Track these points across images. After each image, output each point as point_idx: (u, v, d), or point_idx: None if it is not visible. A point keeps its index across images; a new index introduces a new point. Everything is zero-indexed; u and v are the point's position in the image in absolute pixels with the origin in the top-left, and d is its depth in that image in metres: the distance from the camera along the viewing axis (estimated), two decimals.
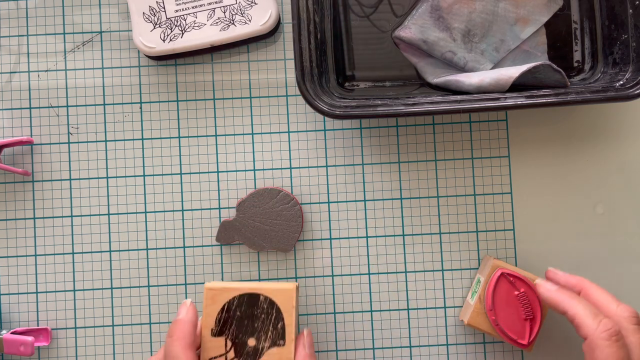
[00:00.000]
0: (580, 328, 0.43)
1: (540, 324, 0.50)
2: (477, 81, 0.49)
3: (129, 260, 0.53)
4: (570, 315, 0.44)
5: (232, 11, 0.52)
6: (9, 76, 0.54)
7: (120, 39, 0.55)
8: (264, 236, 0.53)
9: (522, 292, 0.50)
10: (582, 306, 0.44)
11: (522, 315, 0.50)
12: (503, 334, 0.50)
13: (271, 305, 0.46)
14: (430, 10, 0.52)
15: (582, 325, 0.43)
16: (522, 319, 0.50)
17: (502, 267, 0.51)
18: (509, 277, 0.50)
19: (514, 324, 0.49)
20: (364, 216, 0.54)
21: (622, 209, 0.54)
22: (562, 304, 0.45)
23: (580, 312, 0.44)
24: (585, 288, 0.47)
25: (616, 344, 0.42)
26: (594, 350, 0.42)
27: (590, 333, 0.43)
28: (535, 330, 0.49)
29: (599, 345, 0.42)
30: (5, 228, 0.54)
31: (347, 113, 0.48)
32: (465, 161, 0.54)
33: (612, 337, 0.42)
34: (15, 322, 0.53)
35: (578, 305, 0.44)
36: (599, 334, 0.42)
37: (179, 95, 0.54)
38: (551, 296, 0.46)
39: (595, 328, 0.43)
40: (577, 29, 0.54)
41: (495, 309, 0.50)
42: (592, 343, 0.42)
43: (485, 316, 0.50)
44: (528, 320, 0.50)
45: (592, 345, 0.42)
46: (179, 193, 0.54)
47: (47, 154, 0.54)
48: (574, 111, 0.55)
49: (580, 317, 0.44)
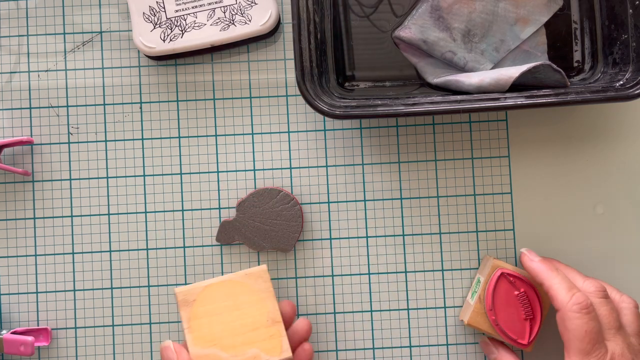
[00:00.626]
0: (554, 300, 0.46)
1: (540, 323, 0.50)
2: (477, 81, 0.49)
3: (129, 260, 0.54)
4: (546, 287, 0.47)
5: (232, 11, 0.52)
6: (9, 76, 0.54)
7: (120, 39, 0.55)
8: (264, 236, 0.53)
9: (522, 292, 0.50)
10: (558, 279, 0.47)
11: (522, 315, 0.50)
12: (503, 334, 0.50)
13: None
14: (430, 10, 0.52)
15: (556, 297, 0.46)
16: (522, 318, 0.50)
17: (502, 267, 0.51)
18: (509, 277, 0.50)
19: (514, 324, 0.50)
20: (364, 216, 0.54)
21: (622, 209, 0.54)
22: (540, 275, 0.48)
23: (556, 285, 0.46)
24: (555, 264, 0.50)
25: (587, 316, 0.44)
26: (565, 321, 0.45)
27: (563, 305, 0.45)
28: (535, 330, 0.49)
29: (569, 316, 0.45)
30: (5, 228, 0.54)
31: (347, 113, 0.48)
32: (465, 161, 0.54)
33: (582, 310, 0.44)
34: (15, 322, 0.53)
35: (555, 278, 0.47)
36: (570, 306, 0.45)
37: (179, 95, 0.54)
38: (532, 266, 0.49)
39: (567, 301, 0.45)
40: (577, 29, 0.54)
41: (495, 308, 0.50)
42: (563, 315, 0.45)
43: (485, 316, 0.50)
44: (528, 320, 0.50)
45: (563, 316, 0.45)
46: (179, 193, 0.54)
47: (47, 154, 0.54)
48: (574, 111, 0.55)
49: (555, 289, 0.46)
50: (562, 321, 0.45)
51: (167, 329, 0.53)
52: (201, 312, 0.47)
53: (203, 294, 0.47)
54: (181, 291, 0.47)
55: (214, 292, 0.47)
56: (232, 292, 0.48)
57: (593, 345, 0.44)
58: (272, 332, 0.47)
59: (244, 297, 0.47)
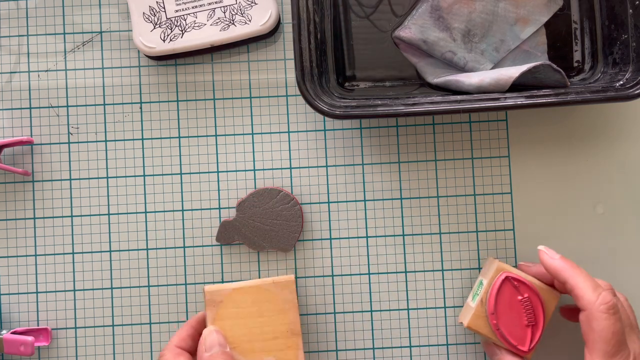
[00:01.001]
0: (580, 299, 0.44)
1: (542, 331, 0.49)
2: (477, 81, 0.49)
3: (129, 260, 0.53)
4: (571, 285, 0.45)
5: (232, 11, 0.52)
6: (9, 76, 0.54)
7: (120, 39, 0.55)
8: (264, 236, 0.53)
9: (525, 297, 0.49)
10: (582, 277, 0.45)
11: (524, 321, 0.49)
12: (503, 339, 0.49)
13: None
14: (430, 10, 0.52)
15: (582, 296, 0.44)
16: (523, 324, 0.49)
17: (506, 270, 0.50)
18: (513, 281, 0.49)
19: (515, 330, 0.49)
20: (364, 216, 0.54)
21: (622, 209, 0.54)
22: (563, 273, 0.46)
23: (581, 283, 0.45)
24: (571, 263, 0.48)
25: (614, 317, 0.43)
26: (592, 321, 0.43)
27: (590, 305, 0.43)
28: (537, 337, 0.49)
29: (596, 317, 0.43)
30: (5, 228, 0.54)
31: (347, 113, 0.48)
32: (465, 161, 0.54)
33: (609, 310, 0.43)
34: (15, 322, 0.53)
35: (579, 277, 0.45)
36: (597, 306, 0.43)
37: (179, 95, 0.54)
38: (553, 264, 0.47)
39: (594, 301, 0.43)
40: (577, 29, 0.54)
41: (497, 313, 0.49)
42: (590, 315, 0.43)
43: (486, 320, 0.49)
44: (530, 327, 0.49)
45: (590, 316, 0.43)
46: (179, 193, 0.54)
47: (47, 154, 0.54)
48: (574, 111, 0.55)
49: (581, 288, 0.44)
50: (588, 321, 0.44)
51: (167, 329, 0.53)
52: (226, 314, 0.48)
53: (230, 296, 0.48)
54: (210, 290, 0.48)
55: (241, 296, 0.48)
56: (258, 298, 0.48)
57: (619, 347, 0.43)
58: (290, 344, 0.48)
59: (269, 305, 0.48)
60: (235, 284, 0.49)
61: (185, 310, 0.53)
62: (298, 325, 0.48)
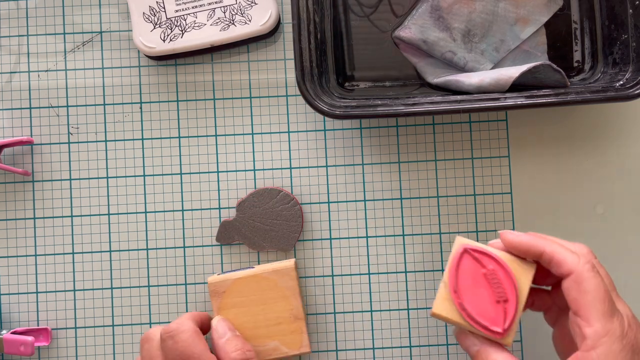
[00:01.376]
0: (562, 265, 0.41)
1: (518, 307, 0.43)
2: (477, 81, 0.49)
3: (129, 260, 0.54)
4: (549, 254, 0.42)
5: (232, 11, 0.52)
6: (9, 76, 0.54)
7: (120, 39, 0.55)
8: (264, 236, 0.53)
9: (490, 269, 0.43)
10: (557, 244, 0.42)
11: (493, 297, 0.43)
12: (472, 320, 0.43)
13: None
14: (430, 10, 0.52)
15: (564, 260, 0.41)
16: (493, 301, 0.43)
17: (465, 243, 0.44)
18: (473, 253, 0.44)
19: (485, 309, 0.43)
20: (364, 216, 0.54)
21: (622, 209, 0.54)
22: (535, 245, 0.43)
23: (558, 248, 0.42)
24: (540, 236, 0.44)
25: (599, 275, 0.41)
26: (582, 283, 0.40)
27: (575, 266, 0.41)
28: (512, 315, 0.42)
29: (586, 277, 0.40)
30: (5, 228, 0.54)
31: (347, 113, 0.48)
32: (465, 161, 0.54)
33: (593, 268, 0.41)
34: (15, 322, 0.53)
35: (553, 244, 0.42)
36: (583, 265, 0.40)
37: (179, 95, 0.54)
38: (522, 240, 0.43)
39: (578, 262, 0.41)
40: (577, 29, 0.54)
41: (459, 290, 0.43)
42: (578, 277, 0.40)
43: (452, 302, 0.43)
44: (501, 303, 0.43)
45: (579, 278, 0.40)
46: (179, 193, 0.54)
47: (47, 154, 0.54)
48: (574, 111, 0.55)
49: (560, 253, 0.41)
50: (578, 285, 0.40)
51: None
52: (230, 304, 0.49)
53: (233, 286, 0.49)
54: (213, 282, 0.50)
55: (243, 285, 0.49)
56: (259, 286, 0.49)
57: (613, 306, 0.40)
58: (293, 328, 0.49)
59: (271, 292, 0.49)
60: (237, 273, 0.50)
61: (185, 310, 0.53)
62: (301, 309, 0.49)
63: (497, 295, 0.43)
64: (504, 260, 0.43)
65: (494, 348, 0.43)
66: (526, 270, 0.44)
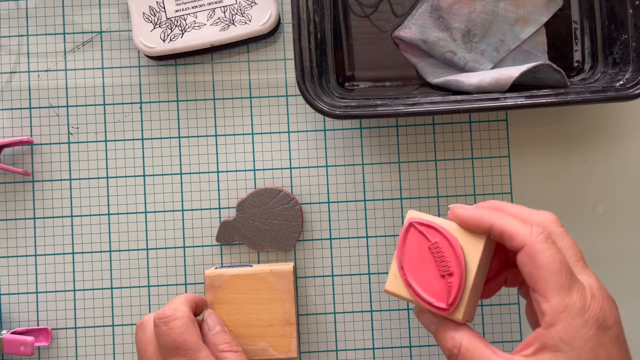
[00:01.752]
0: (514, 238, 0.38)
1: (464, 281, 0.40)
2: (477, 81, 0.49)
3: (129, 260, 0.54)
4: (499, 227, 0.39)
5: (232, 11, 0.52)
6: (9, 76, 0.54)
7: (120, 39, 0.55)
8: (264, 236, 0.53)
9: (433, 242, 0.41)
10: (507, 216, 0.39)
11: (437, 271, 0.40)
12: (418, 297, 0.40)
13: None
14: (430, 10, 0.52)
15: (515, 234, 0.38)
16: (438, 276, 0.40)
17: (413, 216, 0.42)
18: (418, 227, 0.41)
19: (430, 284, 0.40)
20: (364, 216, 0.54)
21: (622, 209, 0.54)
22: (485, 219, 0.40)
23: (508, 221, 0.39)
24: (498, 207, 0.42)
25: (554, 246, 0.38)
26: (535, 256, 0.37)
27: (526, 239, 0.38)
28: (455, 289, 0.40)
29: (539, 249, 0.37)
30: (5, 228, 0.54)
31: (347, 113, 0.48)
32: (465, 161, 0.54)
33: (548, 239, 0.38)
34: (15, 322, 0.53)
35: (504, 217, 0.39)
36: (535, 237, 0.38)
37: (179, 95, 0.54)
38: (471, 214, 0.40)
39: (530, 233, 0.38)
40: (577, 29, 0.54)
41: (405, 266, 0.41)
42: (530, 250, 0.38)
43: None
44: (446, 277, 0.40)
45: (531, 252, 0.37)
46: (179, 193, 0.54)
47: (47, 154, 0.54)
48: (574, 111, 0.55)
49: (510, 226, 0.39)
50: (531, 258, 0.37)
51: None
52: (224, 299, 0.49)
53: (229, 281, 0.49)
54: (209, 275, 0.50)
55: (239, 282, 0.50)
56: (255, 285, 0.50)
57: (571, 279, 0.37)
58: (284, 332, 0.49)
59: (266, 293, 0.49)
60: (235, 270, 0.50)
61: None
62: (294, 315, 0.49)
63: (442, 269, 0.40)
64: (450, 232, 0.41)
65: (452, 325, 0.40)
66: (475, 241, 0.40)
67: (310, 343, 0.53)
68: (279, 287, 0.49)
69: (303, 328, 0.53)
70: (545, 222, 0.40)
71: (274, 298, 0.49)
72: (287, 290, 0.49)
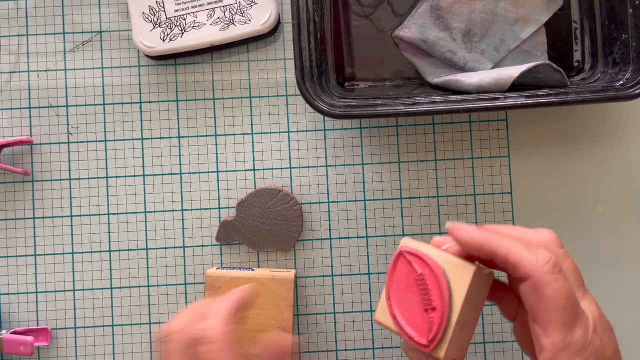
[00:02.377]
0: (518, 268, 0.35)
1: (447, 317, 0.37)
2: (477, 81, 0.49)
3: (129, 260, 0.53)
4: (503, 255, 0.36)
5: (232, 11, 0.52)
6: (9, 76, 0.54)
7: (120, 39, 0.55)
8: (264, 236, 0.53)
9: (419, 274, 0.38)
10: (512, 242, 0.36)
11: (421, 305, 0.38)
12: (401, 330, 0.38)
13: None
14: (430, 10, 0.52)
15: (521, 263, 0.35)
16: (422, 310, 0.38)
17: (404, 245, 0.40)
18: (407, 257, 0.39)
19: (414, 317, 0.38)
20: (364, 216, 0.54)
21: (622, 209, 0.54)
22: (488, 244, 0.36)
23: (513, 248, 0.36)
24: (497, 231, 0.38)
25: (561, 276, 0.35)
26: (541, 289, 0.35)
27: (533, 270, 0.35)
28: (437, 324, 0.37)
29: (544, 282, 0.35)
30: (5, 228, 0.54)
31: (347, 113, 0.48)
32: (465, 161, 0.54)
33: (555, 268, 0.35)
34: (15, 322, 0.53)
35: (508, 242, 0.36)
36: (541, 268, 0.35)
37: (179, 95, 0.54)
38: (473, 238, 0.37)
39: (536, 263, 0.35)
40: (577, 29, 0.54)
41: (391, 297, 0.39)
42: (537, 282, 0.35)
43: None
44: (429, 312, 0.37)
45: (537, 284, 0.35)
46: (179, 193, 0.54)
47: (47, 154, 0.54)
48: (574, 111, 0.55)
49: (515, 253, 0.35)
50: (536, 291, 0.35)
51: None
52: None
53: (230, 284, 0.49)
54: (211, 275, 0.50)
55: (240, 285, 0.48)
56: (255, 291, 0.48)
57: (575, 313, 0.35)
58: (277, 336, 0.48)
59: (264, 299, 0.49)
60: (236, 272, 0.50)
61: None
62: (290, 324, 0.49)
63: (425, 303, 0.38)
64: (437, 264, 0.38)
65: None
66: (462, 274, 0.37)
67: (310, 343, 0.53)
68: (279, 294, 0.49)
69: (303, 328, 0.53)
70: (546, 244, 0.38)
71: (271, 304, 0.49)
72: (286, 299, 0.49)
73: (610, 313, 0.43)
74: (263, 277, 0.50)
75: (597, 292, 0.54)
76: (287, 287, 0.49)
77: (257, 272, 0.50)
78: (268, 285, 0.49)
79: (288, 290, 0.49)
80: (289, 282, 0.49)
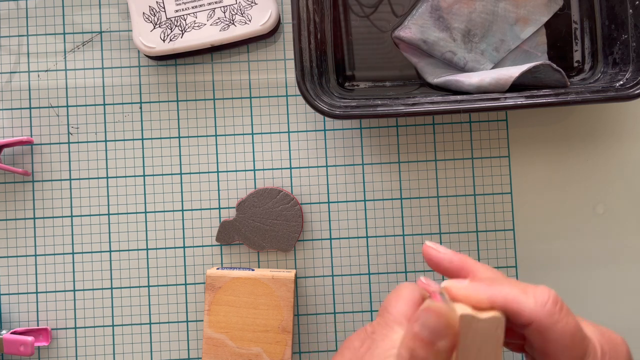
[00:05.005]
0: (520, 314, 0.34)
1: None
2: (477, 81, 0.49)
3: (129, 260, 0.54)
4: (502, 303, 0.34)
5: (232, 11, 0.52)
6: (9, 76, 0.54)
7: (120, 39, 0.55)
8: (264, 236, 0.53)
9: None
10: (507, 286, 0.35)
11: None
12: None
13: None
14: (430, 10, 0.52)
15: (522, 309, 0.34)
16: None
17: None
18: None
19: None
20: (364, 216, 0.54)
21: (622, 209, 0.54)
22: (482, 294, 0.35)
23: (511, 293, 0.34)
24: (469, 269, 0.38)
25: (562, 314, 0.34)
26: (546, 333, 0.34)
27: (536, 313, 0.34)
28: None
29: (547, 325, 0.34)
30: (5, 228, 0.54)
31: (347, 113, 0.48)
32: (465, 161, 0.54)
33: (555, 307, 0.34)
34: (15, 322, 0.53)
35: (504, 288, 0.35)
36: (541, 312, 0.34)
37: (179, 95, 0.54)
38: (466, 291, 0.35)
39: (534, 307, 0.34)
40: (577, 29, 0.54)
41: None
42: (541, 325, 0.34)
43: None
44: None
45: (542, 328, 0.34)
46: (179, 193, 0.54)
47: (47, 154, 0.54)
48: (574, 111, 0.55)
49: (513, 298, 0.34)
50: (542, 334, 0.34)
51: (167, 329, 0.53)
52: (223, 300, 0.50)
53: (229, 284, 0.50)
54: (211, 275, 0.50)
55: (240, 285, 0.50)
56: (255, 290, 0.50)
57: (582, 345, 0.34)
58: (279, 339, 0.49)
59: (264, 299, 0.49)
60: (236, 272, 0.50)
61: (185, 311, 0.53)
62: (290, 323, 0.49)
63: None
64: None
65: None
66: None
67: (310, 343, 0.53)
68: (279, 294, 0.49)
69: (303, 328, 0.53)
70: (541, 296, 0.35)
71: (271, 304, 0.49)
72: (286, 299, 0.49)
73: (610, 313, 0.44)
74: (263, 277, 0.50)
75: (597, 292, 0.54)
76: (287, 287, 0.49)
77: (257, 272, 0.50)
78: (268, 285, 0.49)
79: (288, 290, 0.49)
80: (289, 282, 0.49)
